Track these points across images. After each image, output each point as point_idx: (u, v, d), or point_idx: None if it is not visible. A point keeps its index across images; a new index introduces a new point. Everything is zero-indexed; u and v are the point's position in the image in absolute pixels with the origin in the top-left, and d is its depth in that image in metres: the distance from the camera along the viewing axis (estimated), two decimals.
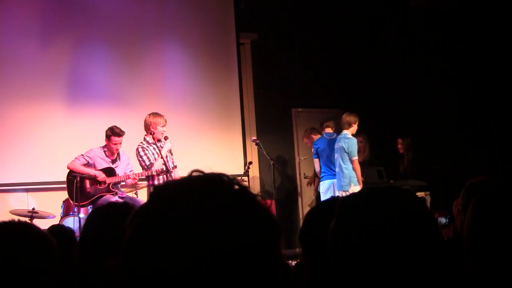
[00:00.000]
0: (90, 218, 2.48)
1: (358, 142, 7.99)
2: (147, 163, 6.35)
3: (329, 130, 7.92)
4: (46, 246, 1.63)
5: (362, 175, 7.55)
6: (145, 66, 8.19)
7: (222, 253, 0.82)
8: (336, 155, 7.46)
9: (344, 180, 7.30)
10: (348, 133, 7.45)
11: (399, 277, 1.13)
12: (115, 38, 8.05)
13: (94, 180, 6.45)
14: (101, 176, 6.41)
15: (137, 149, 6.42)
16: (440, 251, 1.17)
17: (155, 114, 6.50)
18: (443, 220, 5.05)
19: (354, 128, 7.49)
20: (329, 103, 9.55)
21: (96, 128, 7.57)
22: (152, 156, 6.38)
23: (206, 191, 0.87)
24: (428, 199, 8.00)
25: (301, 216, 9.00)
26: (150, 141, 6.45)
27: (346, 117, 7.49)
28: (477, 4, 8.76)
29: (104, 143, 6.66)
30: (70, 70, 7.81)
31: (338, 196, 2.45)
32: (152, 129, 6.44)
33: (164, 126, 6.48)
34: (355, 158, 7.32)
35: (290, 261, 4.96)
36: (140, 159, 6.40)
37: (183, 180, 0.91)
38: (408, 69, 9.44)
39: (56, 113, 7.66)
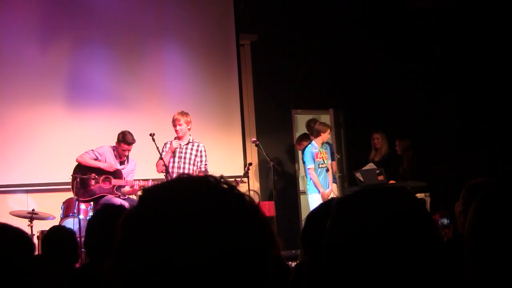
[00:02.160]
0: (91, 222, 2.49)
1: (375, 139, 8.21)
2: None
3: None
4: (23, 242, 1.67)
5: (363, 175, 7.68)
6: (145, 67, 8.19)
7: (211, 253, 0.82)
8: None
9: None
10: (315, 141, 7.85)
11: (394, 277, 1.13)
12: (115, 40, 8.05)
13: (97, 179, 6.46)
14: (111, 167, 6.44)
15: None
16: (437, 250, 1.17)
17: (177, 113, 6.67)
18: (445, 221, 5.06)
19: (324, 137, 7.84)
20: (329, 104, 9.55)
21: (96, 129, 7.58)
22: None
23: (194, 192, 0.88)
24: (428, 200, 8.00)
25: (300, 218, 9.00)
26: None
27: (317, 126, 7.92)
28: (477, 5, 8.77)
29: (105, 143, 6.69)
30: (70, 71, 7.81)
31: (337, 197, 2.47)
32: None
33: (176, 126, 6.60)
34: (308, 167, 7.75)
35: (290, 262, 4.96)
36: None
37: (171, 182, 0.92)
38: (408, 70, 9.44)
39: (56, 114, 7.66)
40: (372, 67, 9.48)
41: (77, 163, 6.53)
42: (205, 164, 6.66)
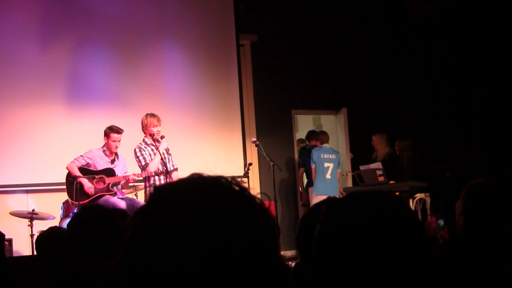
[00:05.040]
0: (70, 225, 2.49)
1: (372, 141, 8.43)
2: (143, 163, 6.41)
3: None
4: None
5: (363, 176, 7.78)
6: (145, 67, 8.19)
7: (220, 253, 0.83)
8: (329, 164, 8.48)
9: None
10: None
11: (383, 279, 1.13)
12: (115, 40, 8.06)
13: (92, 179, 6.45)
14: (90, 189, 6.40)
15: (135, 149, 6.46)
16: (423, 252, 1.17)
17: (149, 115, 6.53)
18: (441, 222, 5.05)
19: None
20: (329, 104, 9.56)
21: (95, 129, 7.56)
22: (149, 156, 6.42)
23: (205, 192, 0.88)
24: (428, 200, 8.00)
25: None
26: (148, 142, 6.48)
27: (327, 135, 8.71)
28: (477, 5, 8.77)
29: (102, 144, 6.66)
30: (70, 71, 7.82)
31: (333, 197, 2.49)
32: (146, 130, 6.48)
33: (157, 126, 6.46)
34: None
35: (290, 263, 4.96)
36: (137, 159, 6.45)
37: (183, 181, 0.92)
38: (408, 70, 9.45)
39: (56, 114, 7.66)
40: (372, 67, 9.49)
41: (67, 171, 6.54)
42: (174, 163, 6.62)
